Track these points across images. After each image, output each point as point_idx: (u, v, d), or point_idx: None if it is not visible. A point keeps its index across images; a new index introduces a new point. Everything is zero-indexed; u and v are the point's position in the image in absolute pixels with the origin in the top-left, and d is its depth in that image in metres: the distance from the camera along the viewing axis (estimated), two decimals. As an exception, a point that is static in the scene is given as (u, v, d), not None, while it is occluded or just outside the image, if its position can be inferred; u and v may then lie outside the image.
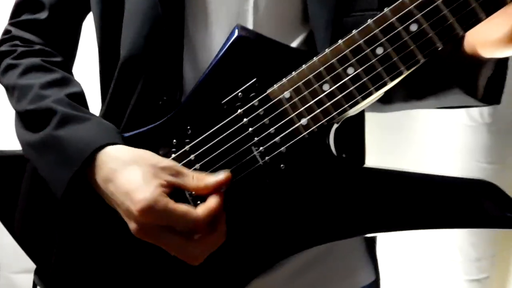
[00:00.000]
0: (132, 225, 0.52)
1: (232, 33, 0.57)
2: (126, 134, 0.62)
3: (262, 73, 0.56)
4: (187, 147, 0.59)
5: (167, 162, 0.54)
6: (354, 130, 0.65)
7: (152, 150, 0.58)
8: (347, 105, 0.52)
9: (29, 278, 0.70)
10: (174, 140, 0.60)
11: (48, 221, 0.67)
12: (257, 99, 0.56)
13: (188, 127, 0.59)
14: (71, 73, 0.69)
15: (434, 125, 1.17)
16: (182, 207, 0.50)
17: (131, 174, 0.52)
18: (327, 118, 0.53)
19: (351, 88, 0.52)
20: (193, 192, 0.56)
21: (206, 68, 0.59)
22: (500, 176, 1.10)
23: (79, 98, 0.63)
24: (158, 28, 0.60)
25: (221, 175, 0.53)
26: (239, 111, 0.57)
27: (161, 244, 0.52)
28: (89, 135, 0.56)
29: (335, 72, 0.52)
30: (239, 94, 0.57)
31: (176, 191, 0.54)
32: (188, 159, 0.59)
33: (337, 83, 0.52)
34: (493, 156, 1.08)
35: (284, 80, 0.55)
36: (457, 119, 1.09)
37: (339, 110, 0.53)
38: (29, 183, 0.68)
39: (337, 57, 0.52)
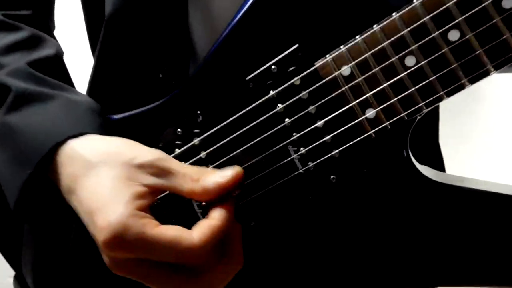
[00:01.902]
0: (104, 258, 0.36)
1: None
2: (116, 117, 0.46)
3: (308, 36, 0.37)
4: (196, 141, 0.42)
5: (148, 155, 0.37)
6: (428, 125, 0.46)
7: (148, 142, 0.41)
8: (443, 92, 0.33)
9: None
10: (179, 130, 0.42)
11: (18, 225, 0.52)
12: (300, 75, 0.37)
13: (198, 112, 0.41)
14: (48, 31, 0.51)
15: (504, 107, 0.94)
16: (167, 234, 0.33)
17: (95, 181, 0.36)
18: (410, 110, 0.34)
19: (454, 65, 0.32)
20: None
21: (224, 27, 0.40)
22: None
23: (52, 65, 0.46)
24: None
25: (228, 173, 0.36)
26: (271, 92, 0.38)
27: (148, 283, 0.36)
28: (49, 123, 0.39)
29: (429, 38, 0.32)
30: (273, 67, 0.38)
31: (172, 196, 0.37)
32: (198, 157, 0.42)
33: (431, 56, 0.33)
34: None
35: (343, 48, 0.35)
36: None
37: (431, 99, 0.33)
38: None
39: (434, 13, 0.32)
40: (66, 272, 0.48)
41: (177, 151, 0.43)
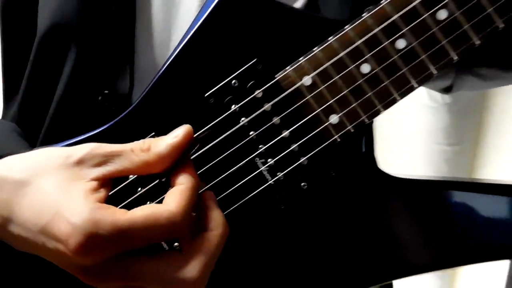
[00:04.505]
0: (79, 274, 0.31)
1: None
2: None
3: (267, 49, 0.38)
4: (153, 165, 0.39)
5: (81, 148, 0.33)
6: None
7: None
8: (397, 93, 0.37)
9: None
10: (132, 156, 0.39)
11: None
12: (262, 89, 0.38)
13: (153, 134, 0.39)
14: None
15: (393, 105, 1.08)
16: (141, 214, 0.30)
17: (36, 196, 0.31)
18: (370, 112, 0.37)
19: (403, 70, 0.36)
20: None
21: (178, 42, 0.39)
22: (459, 158, 1.05)
23: None
24: None
25: (178, 131, 0.34)
26: (233, 107, 0.38)
27: (133, 283, 0.32)
28: None
29: (381, 47, 0.36)
30: (233, 82, 0.38)
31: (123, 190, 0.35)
32: (157, 181, 0.39)
33: (384, 63, 0.36)
34: (453, 137, 1.03)
35: (302, 59, 0.37)
36: (417, 99, 1.01)
37: (387, 101, 0.37)
38: None
39: (383, 25, 0.36)
40: None
41: (131, 177, 0.40)
